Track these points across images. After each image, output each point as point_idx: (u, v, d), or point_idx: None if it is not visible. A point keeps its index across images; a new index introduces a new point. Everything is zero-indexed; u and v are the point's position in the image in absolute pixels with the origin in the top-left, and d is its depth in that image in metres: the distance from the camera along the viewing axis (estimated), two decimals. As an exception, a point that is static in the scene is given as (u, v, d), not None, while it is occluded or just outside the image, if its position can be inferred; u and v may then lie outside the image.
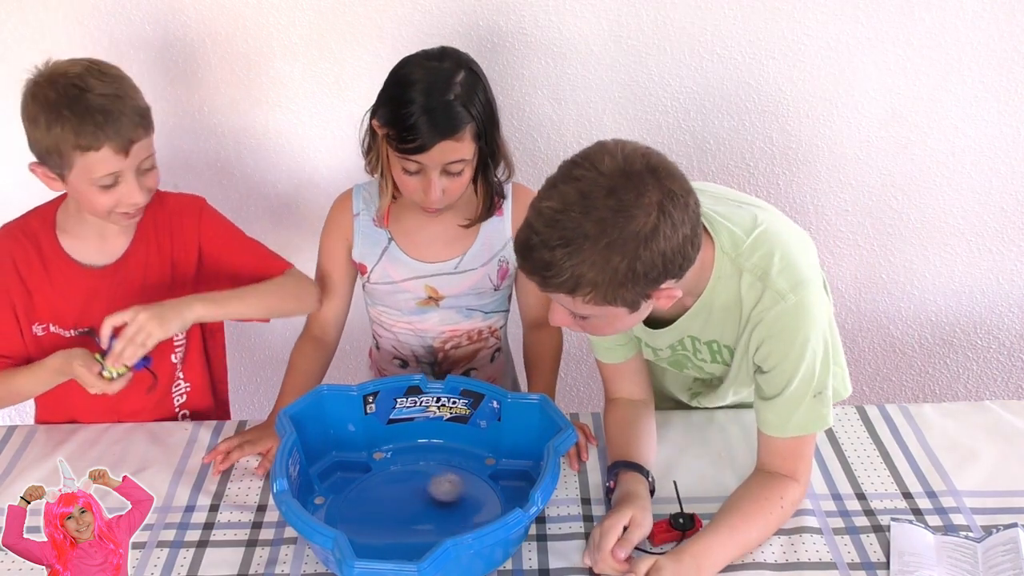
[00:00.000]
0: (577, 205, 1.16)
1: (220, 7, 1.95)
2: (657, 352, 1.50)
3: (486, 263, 1.71)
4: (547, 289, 1.22)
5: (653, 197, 1.16)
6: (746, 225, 1.34)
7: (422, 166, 1.53)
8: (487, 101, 1.56)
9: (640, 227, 1.16)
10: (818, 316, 1.33)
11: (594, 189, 1.16)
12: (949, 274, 2.26)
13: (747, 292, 1.32)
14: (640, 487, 1.39)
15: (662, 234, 1.17)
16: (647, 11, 1.96)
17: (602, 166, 1.17)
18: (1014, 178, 2.14)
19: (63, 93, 1.43)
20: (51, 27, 1.97)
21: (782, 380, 1.35)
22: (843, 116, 2.06)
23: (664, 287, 1.23)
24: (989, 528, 1.38)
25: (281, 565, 1.36)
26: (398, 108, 1.51)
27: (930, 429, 1.61)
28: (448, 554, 1.19)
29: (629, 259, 1.16)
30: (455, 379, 1.53)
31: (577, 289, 1.19)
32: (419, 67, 1.53)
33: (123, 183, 1.48)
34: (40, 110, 1.44)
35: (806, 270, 1.33)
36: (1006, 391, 2.43)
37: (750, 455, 1.48)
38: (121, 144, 1.45)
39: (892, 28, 1.97)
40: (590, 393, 2.44)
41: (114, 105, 1.44)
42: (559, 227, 1.16)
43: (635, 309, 1.25)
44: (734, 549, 1.33)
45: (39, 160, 1.48)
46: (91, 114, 1.42)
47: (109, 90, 1.45)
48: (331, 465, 1.51)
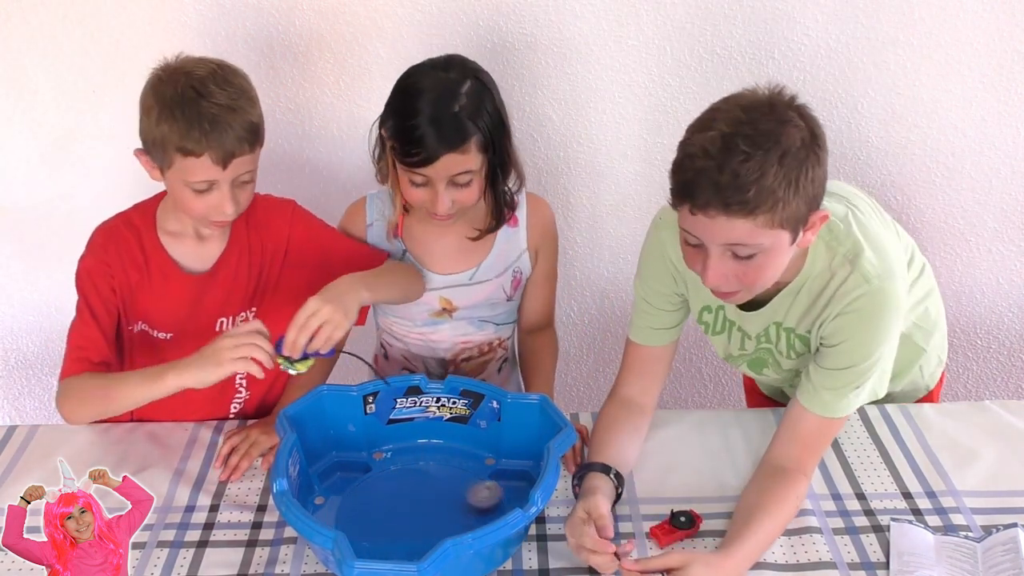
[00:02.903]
0: (746, 123, 1.20)
1: (220, 7, 1.95)
2: (745, 341, 1.50)
3: (501, 274, 1.71)
4: (728, 213, 1.20)
5: (801, 122, 1.23)
6: (840, 213, 1.38)
7: (428, 179, 1.52)
8: (495, 110, 1.54)
9: (803, 139, 1.21)
10: (896, 308, 1.35)
11: (756, 106, 1.22)
12: (949, 274, 2.26)
13: (836, 272, 1.35)
14: (599, 482, 1.39)
15: (817, 152, 1.23)
16: (647, 11, 1.96)
17: (749, 96, 1.25)
18: (1014, 178, 2.14)
19: (180, 93, 1.43)
20: (51, 30, 1.97)
21: (839, 359, 1.36)
22: (843, 116, 2.06)
23: (816, 214, 1.27)
24: (989, 528, 1.38)
25: (281, 565, 1.36)
26: (403, 120, 1.49)
27: (930, 429, 1.61)
28: (448, 554, 1.19)
29: (802, 168, 1.21)
30: (455, 379, 1.53)
31: (760, 206, 1.19)
32: (425, 77, 1.52)
33: (216, 191, 1.48)
34: (155, 103, 1.44)
35: (895, 264, 1.36)
36: (1006, 391, 2.43)
37: (750, 455, 1.48)
38: (221, 156, 1.44)
39: (892, 28, 1.97)
40: (590, 393, 2.44)
41: (225, 116, 1.43)
42: (733, 145, 1.19)
43: (795, 237, 1.26)
44: (764, 549, 1.34)
45: (144, 148, 1.49)
46: (200, 121, 1.42)
47: (225, 100, 1.44)
48: (331, 465, 1.51)
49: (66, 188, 2.14)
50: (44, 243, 2.22)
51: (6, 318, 2.33)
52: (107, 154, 2.10)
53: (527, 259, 1.73)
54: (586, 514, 1.31)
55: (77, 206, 2.16)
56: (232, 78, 1.48)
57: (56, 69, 2.01)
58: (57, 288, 2.22)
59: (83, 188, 2.13)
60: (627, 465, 1.47)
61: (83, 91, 2.03)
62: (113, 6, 1.95)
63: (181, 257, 1.60)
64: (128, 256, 1.58)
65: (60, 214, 2.17)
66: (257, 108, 1.50)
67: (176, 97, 1.43)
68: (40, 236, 2.21)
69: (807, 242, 1.31)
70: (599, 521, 1.30)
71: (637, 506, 1.45)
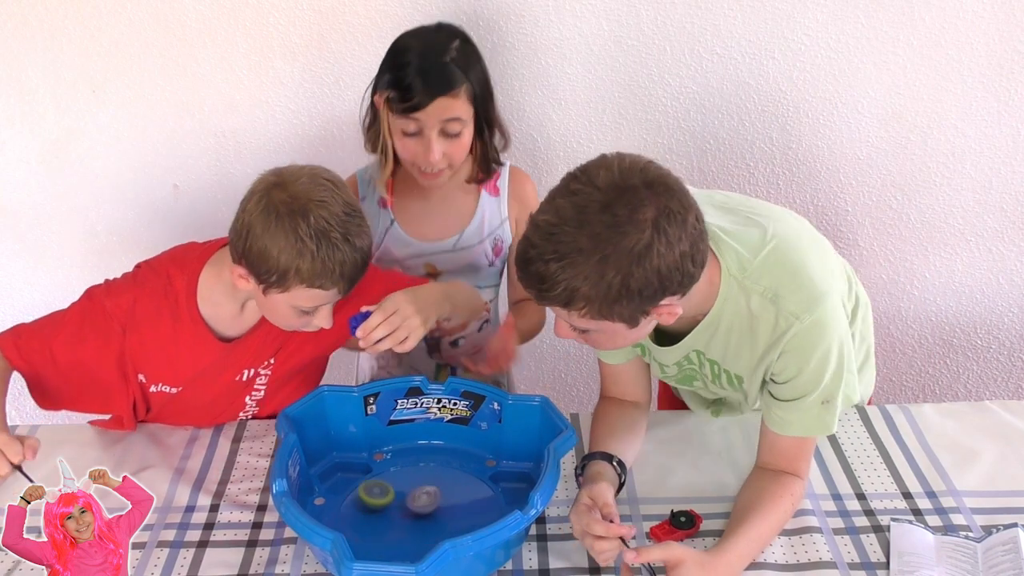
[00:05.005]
0: (572, 220, 1.16)
1: (220, 7, 1.95)
2: (664, 368, 1.49)
3: (482, 241, 1.76)
4: (544, 302, 1.23)
5: (648, 213, 1.15)
6: (754, 244, 1.33)
7: (420, 125, 1.57)
8: (483, 71, 1.63)
9: (634, 243, 1.15)
10: (833, 330, 1.32)
11: (589, 204, 1.16)
12: (949, 274, 2.26)
13: (759, 314, 1.31)
14: (602, 468, 1.40)
15: (655, 251, 1.16)
16: (647, 11, 1.96)
17: (598, 180, 1.17)
18: (1014, 178, 2.14)
19: (315, 227, 1.35)
20: (51, 30, 1.97)
21: (794, 392, 1.35)
22: (843, 116, 2.06)
23: (664, 304, 1.23)
24: (989, 528, 1.39)
25: (281, 565, 1.36)
26: (396, 72, 1.57)
27: (930, 429, 1.61)
28: (447, 556, 1.19)
29: (623, 275, 1.16)
30: (456, 380, 1.53)
31: (571, 303, 1.19)
32: (415, 37, 1.62)
33: (319, 313, 1.46)
34: (284, 235, 1.35)
35: (820, 284, 1.31)
36: (1006, 391, 2.43)
37: (750, 455, 1.48)
38: (346, 289, 1.42)
39: (892, 28, 1.97)
40: (590, 393, 2.44)
41: (355, 256, 1.39)
42: (554, 241, 1.16)
43: (634, 325, 1.24)
44: (759, 549, 1.34)
45: (250, 267, 1.40)
46: (334, 255, 1.36)
47: (360, 242, 1.40)
48: (332, 466, 1.51)
49: (66, 188, 2.14)
50: (44, 243, 2.22)
51: (6, 318, 2.33)
52: (107, 154, 2.09)
53: (507, 228, 1.79)
54: (591, 500, 1.31)
55: (77, 206, 2.16)
56: (355, 213, 1.40)
57: (56, 69, 2.01)
58: (57, 288, 2.22)
59: (83, 188, 2.13)
60: (627, 455, 1.47)
61: (83, 91, 2.03)
62: (113, 6, 1.95)
63: (216, 323, 1.55)
64: (152, 323, 1.52)
65: (60, 214, 2.17)
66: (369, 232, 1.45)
67: (312, 232, 1.35)
68: (40, 236, 2.21)
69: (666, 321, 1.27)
70: (604, 508, 1.30)
71: (637, 506, 1.45)
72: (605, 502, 1.31)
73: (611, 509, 1.31)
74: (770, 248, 1.32)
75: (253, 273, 1.41)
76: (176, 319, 1.52)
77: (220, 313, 1.54)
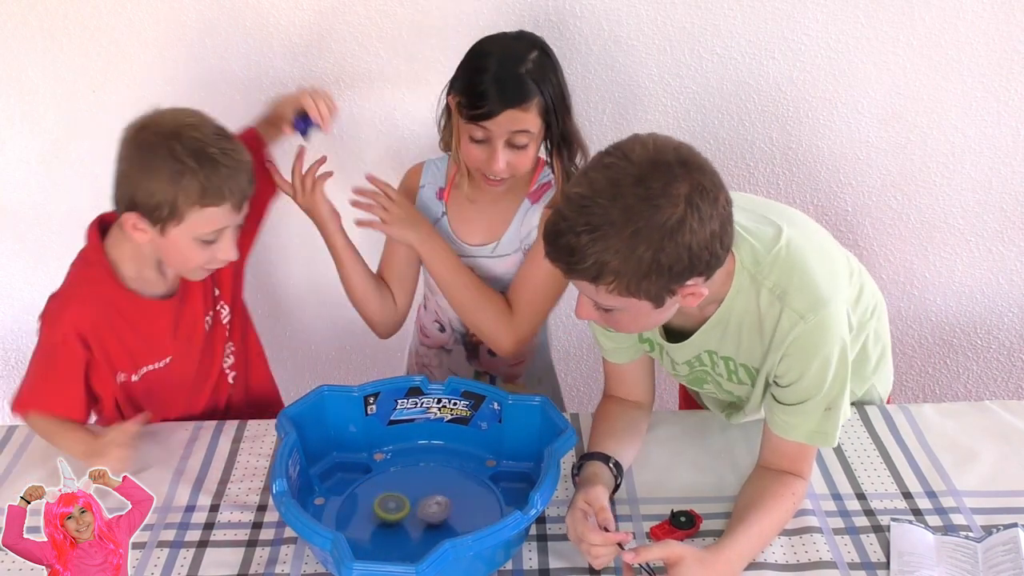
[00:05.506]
0: (605, 192, 1.16)
1: (220, 7, 1.95)
2: (676, 367, 1.49)
3: (517, 250, 1.75)
4: (572, 276, 1.22)
5: (681, 189, 1.16)
6: (768, 240, 1.33)
7: (488, 134, 1.56)
8: (559, 84, 1.60)
9: (667, 218, 1.15)
10: (836, 334, 1.32)
11: (623, 177, 1.16)
12: (949, 274, 2.26)
13: (766, 310, 1.31)
14: (598, 470, 1.40)
15: (688, 227, 1.16)
16: (647, 11, 1.96)
17: (633, 155, 1.18)
18: (1014, 178, 2.13)
19: (190, 147, 1.41)
20: (51, 30, 1.97)
21: (797, 396, 1.35)
22: (843, 116, 2.06)
23: (690, 284, 1.22)
24: (989, 528, 1.39)
25: (281, 565, 1.36)
26: (470, 76, 1.57)
27: (930, 429, 1.61)
28: (447, 556, 1.19)
29: (654, 250, 1.16)
30: (456, 380, 1.53)
31: (600, 277, 1.18)
32: (495, 43, 1.61)
33: (222, 240, 1.48)
34: (162, 162, 1.40)
35: (826, 288, 1.32)
36: (1006, 391, 2.43)
37: (750, 455, 1.48)
38: (238, 201, 1.45)
39: (892, 28, 1.97)
40: (590, 393, 2.44)
41: (235, 160, 1.43)
42: (586, 213, 1.16)
43: (659, 304, 1.24)
44: (759, 547, 1.34)
45: (140, 210, 1.44)
46: (217, 169, 1.41)
47: (229, 145, 1.44)
48: (332, 466, 1.51)
49: (66, 188, 2.14)
50: (44, 243, 2.21)
51: (6, 318, 2.33)
52: (107, 154, 2.08)
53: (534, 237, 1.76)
54: (587, 505, 1.31)
55: (77, 206, 2.15)
56: (215, 125, 1.47)
57: (56, 69, 2.01)
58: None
59: (83, 188, 2.13)
60: (625, 456, 1.47)
61: (83, 91, 2.03)
62: (113, 6, 1.95)
63: (147, 288, 1.58)
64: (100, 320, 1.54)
65: (60, 214, 2.17)
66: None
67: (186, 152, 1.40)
68: (40, 236, 2.21)
69: (690, 304, 1.27)
70: (600, 514, 1.30)
71: (637, 506, 1.45)
72: (601, 507, 1.31)
73: (607, 515, 1.30)
74: (782, 245, 1.33)
75: (145, 216, 1.44)
76: (113, 304, 1.55)
77: (144, 278, 1.57)
